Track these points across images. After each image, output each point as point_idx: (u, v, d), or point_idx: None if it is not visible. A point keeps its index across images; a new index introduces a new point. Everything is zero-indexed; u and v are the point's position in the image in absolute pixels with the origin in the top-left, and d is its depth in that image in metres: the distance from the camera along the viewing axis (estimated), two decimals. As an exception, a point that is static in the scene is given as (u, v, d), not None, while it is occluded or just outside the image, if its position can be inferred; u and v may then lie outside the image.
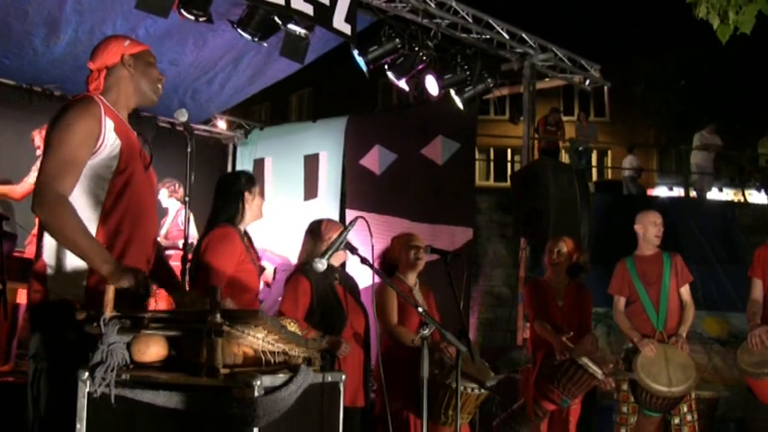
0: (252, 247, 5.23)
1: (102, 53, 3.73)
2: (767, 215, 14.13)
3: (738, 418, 9.56)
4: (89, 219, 3.40)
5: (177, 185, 9.14)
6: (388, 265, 6.29)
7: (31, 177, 7.36)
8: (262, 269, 7.91)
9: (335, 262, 5.85)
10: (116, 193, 3.50)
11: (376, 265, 6.05)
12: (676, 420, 6.70)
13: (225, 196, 5.15)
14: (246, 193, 5.12)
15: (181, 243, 8.88)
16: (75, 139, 3.37)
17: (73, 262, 3.36)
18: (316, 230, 5.94)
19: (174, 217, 9.18)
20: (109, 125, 3.47)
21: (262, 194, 5.28)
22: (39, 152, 7.58)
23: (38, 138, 7.63)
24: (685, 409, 6.69)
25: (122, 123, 3.60)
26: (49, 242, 3.39)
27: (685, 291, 6.91)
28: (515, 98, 12.41)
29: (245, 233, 5.22)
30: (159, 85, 3.83)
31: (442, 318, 6.28)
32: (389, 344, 5.99)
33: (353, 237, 4.41)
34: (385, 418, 5.36)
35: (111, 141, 3.47)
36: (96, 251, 3.28)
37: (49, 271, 3.40)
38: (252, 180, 5.26)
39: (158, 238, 9.43)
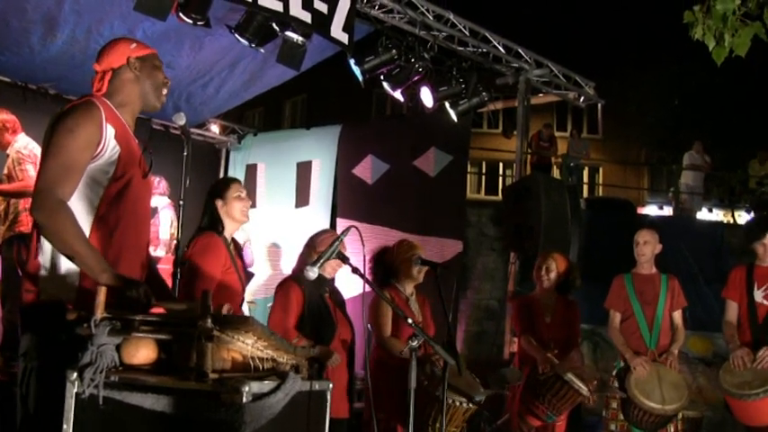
0: (238, 256, 5.25)
1: (108, 55, 3.72)
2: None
3: (721, 438, 9.59)
4: (82, 224, 3.39)
5: (158, 180, 9.08)
6: (385, 271, 6.29)
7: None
8: (250, 276, 7.91)
9: (330, 274, 5.88)
10: (111, 199, 3.49)
11: (369, 267, 6.12)
12: (663, 439, 6.73)
13: (205, 205, 5.20)
14: (218, 201, 5.14)
15: (158, 247, 8.88)
16: (75, 145, 3.37)
17: (67, 263, 3.36)
18: (311, 242, 5.99)
19: (155, 217, 9.08)
20: (110, 132, 3.47)
21: (242, 198, 5.25)
22: None
23: None
24: (672, 429, 6.72)
25: (124, 129, 3.60)
26: (46, 243, 3.39)
27: (678, 315, 6.97)
28: (509, 112, 12.42)
29: (233, 241, 5.24)
30: (164, 90, 3.83)
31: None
32: (381, 353, 6.01)
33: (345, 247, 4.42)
34: (372, 427, 5.39)
35: (110, 147, 3.47)
36: (95, 259, 3.28)
37: (43, 272, 3.40)
38: (224, 186, 5.27)
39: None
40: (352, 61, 8.54)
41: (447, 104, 9.28)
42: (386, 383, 5.68)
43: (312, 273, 4.01)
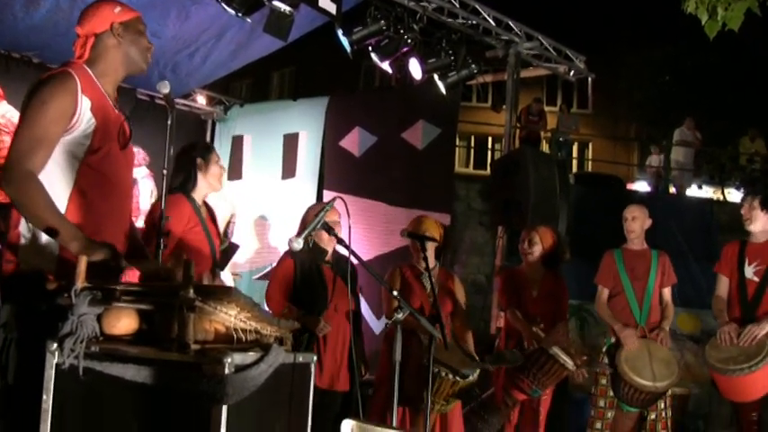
0: (211, 220, 5.24)
1: (91, 18, 3.65)
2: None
3: (707, 414, 9.61)
4: (60, 196, 3.37)
5: (136, 151, 9.01)
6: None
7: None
8: (235, 247, 7.86)
9: (328, 244, 5.96)
10: (88, 171, 3.46)
11: None
12: (652, 416, 6.75)
13: (178, 164, 5.18)
14: (199, 160, 5.14)
15: (139, 217, 8.82)
16: (47, 117, 3.33)
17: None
18: (304, 214, 6.06)
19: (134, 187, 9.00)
20: (85, 104, 3.42)
21: (221, 165, 5.28)
22: None
23: None
24: (662, 405, 6.74)
25: (102, 100, 3.54)
26: None
27: (667, 291, 6.98)
28: (498, 86, 12.34)
29: (205, 205, 5.23)
30: (148, 55, 3.76)
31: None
32: (390, 328, 6.09)
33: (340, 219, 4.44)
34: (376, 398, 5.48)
35: (85, 120, 3.43)
36: (65, 228, 3.26)
37: (23, 241, 3.38)
38: (208, 148, 5.32)
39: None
40: (339, 32, 8.47)
41: (436, 76, 9.20)
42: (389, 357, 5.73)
43: (296, 244, 4.05)
